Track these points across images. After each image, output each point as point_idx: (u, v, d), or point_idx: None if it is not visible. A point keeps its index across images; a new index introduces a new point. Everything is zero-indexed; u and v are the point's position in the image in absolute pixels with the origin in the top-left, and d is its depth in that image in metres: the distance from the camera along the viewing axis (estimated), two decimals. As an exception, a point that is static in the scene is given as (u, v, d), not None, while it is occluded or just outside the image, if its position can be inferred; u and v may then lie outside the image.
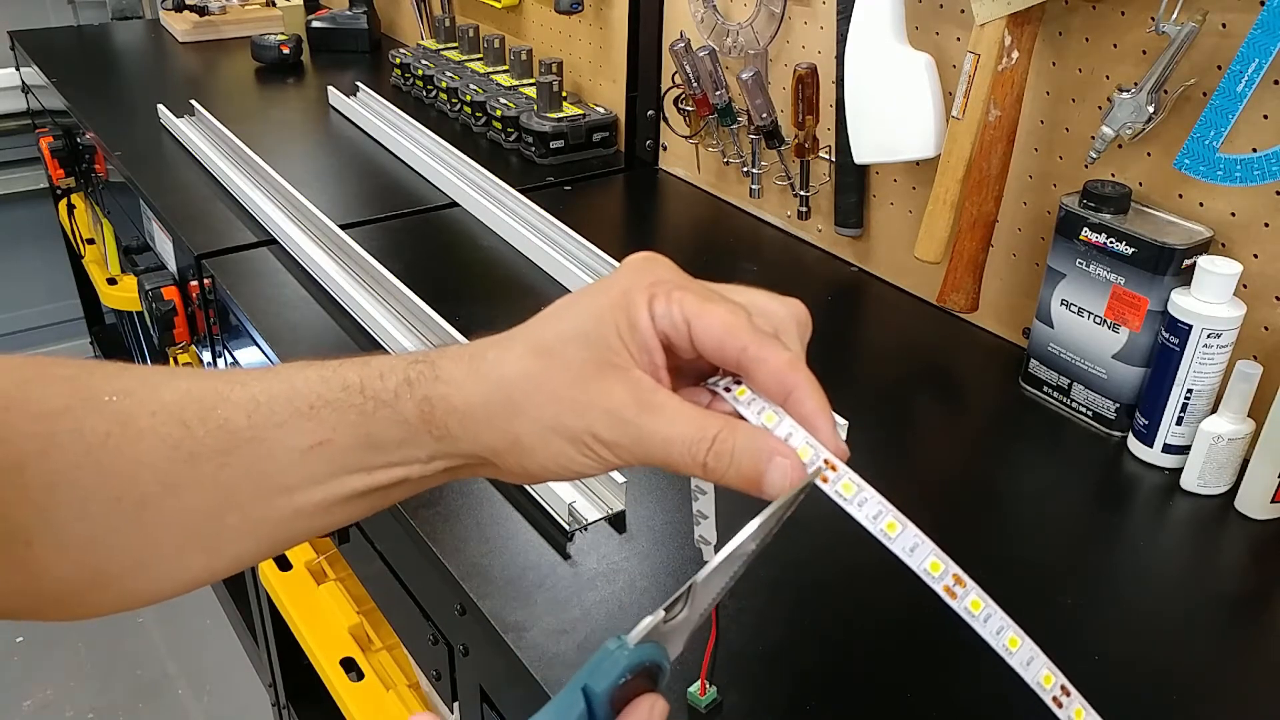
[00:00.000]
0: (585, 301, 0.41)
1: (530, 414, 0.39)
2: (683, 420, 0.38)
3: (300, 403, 0.40)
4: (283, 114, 1.57)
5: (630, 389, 0.39)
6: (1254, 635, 0.66)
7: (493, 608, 0.64)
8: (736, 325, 0.39)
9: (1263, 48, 0.69)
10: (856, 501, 0.38)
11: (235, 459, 0.39)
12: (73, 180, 1.77)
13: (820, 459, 0.38)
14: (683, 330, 0.39)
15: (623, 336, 0.39)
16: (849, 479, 0.38)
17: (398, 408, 0.40)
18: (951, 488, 0.79)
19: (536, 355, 0.40)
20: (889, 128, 0.96)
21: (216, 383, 0.41)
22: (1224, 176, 0.74)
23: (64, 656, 1.82)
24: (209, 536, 0.40)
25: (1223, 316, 0.73)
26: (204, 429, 0.39)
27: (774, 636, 0.62)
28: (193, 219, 1.17)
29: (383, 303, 0.96)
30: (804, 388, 0.39)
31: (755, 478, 0.38)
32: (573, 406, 0.39)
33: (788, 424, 0.39)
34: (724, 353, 0.39)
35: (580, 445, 0.39)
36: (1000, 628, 0.37)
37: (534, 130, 1.35)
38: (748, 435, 0.38)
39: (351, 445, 0.40)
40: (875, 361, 0.98)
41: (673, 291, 0.39)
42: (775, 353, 0.39)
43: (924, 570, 0.37)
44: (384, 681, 1.06)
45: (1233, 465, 0.75)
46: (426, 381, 0.40)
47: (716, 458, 0.38)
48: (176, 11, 1.96)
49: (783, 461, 0.38)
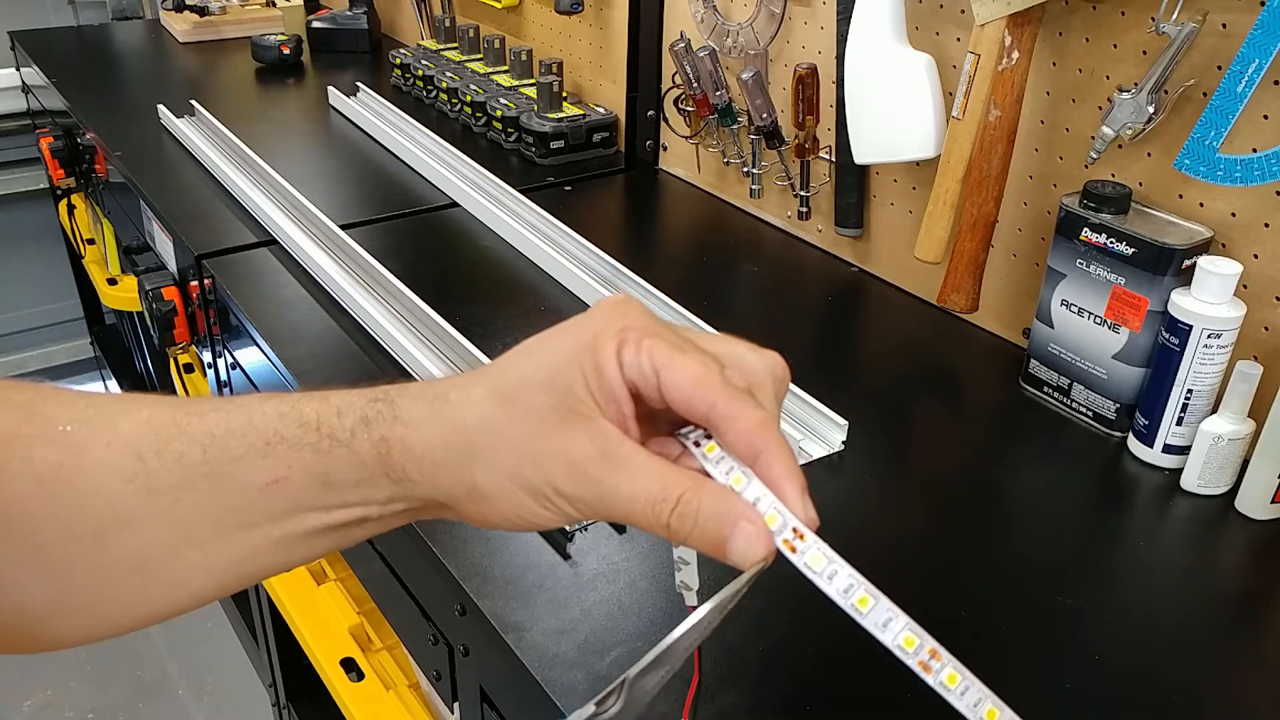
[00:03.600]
0: (552, 345, 0.39)
1: (489, 463, 0.38)
2: (647, 477, 0.37)
3: (256, 439, 0.39)
4: (283, 114, 1.57)
5: (594, 440, 0.37)
6: (1254, 635, 0.66)
7: (493, 608, 0.64)
8: (707, 379, 0.37)
9: (1263, 48, 0.69)
10: (826, 575, 0.36)
11: (190, 493, 0.38)
12: (73, 180, 1.77)
13: (788, 526, 0.36)
14: (651, 380, 0.37)
15: (589, 384, 0.37)
16: (818, 550, 0.36)
17: (354, 448, 0.39)
18: (952, 488, 0.79)
19: (499, 400, 0.38)
20: (889, 128, 0.96)
21: (175, 413, 0.39)
22: (1224, 177, 0.74)
23: (64, 656, 1.82)
24: (166, 570, 0.39)
25: (1223, 317, 0.73)
26: (159, 462, 0.38)
27: (774, 636, 0.62)
28: (193, 219, 1.17)
29: (383, 303, 0.96)
30: (774, 450, 0.37)
31: (719, 543, 0.36)
32: (533, 457, 0.37)
33: (756, 487, 0.37)
34: (692, 407, 0.37)
35: (539, 498, 0.38)
36: (979, 700, 0.35)
37: (534, 130, 1.35)
38: (714, 497, 0.37)
39: (307, 484, 0.39)
40: (875, 361, 0.98)
41: (643, 339, 0.38)
42: (746, 411, 0.37)
43: (898, 646, 0.35)
44: (384, 681, 1.06)
45: (1233, 465, 0.75)
46: (384, 421, 0.39)
47: (680, 519, 0.36)
48: (176, 11, 1.96)
49: (748, 527, 0.36)
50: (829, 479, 0.78)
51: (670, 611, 0.64)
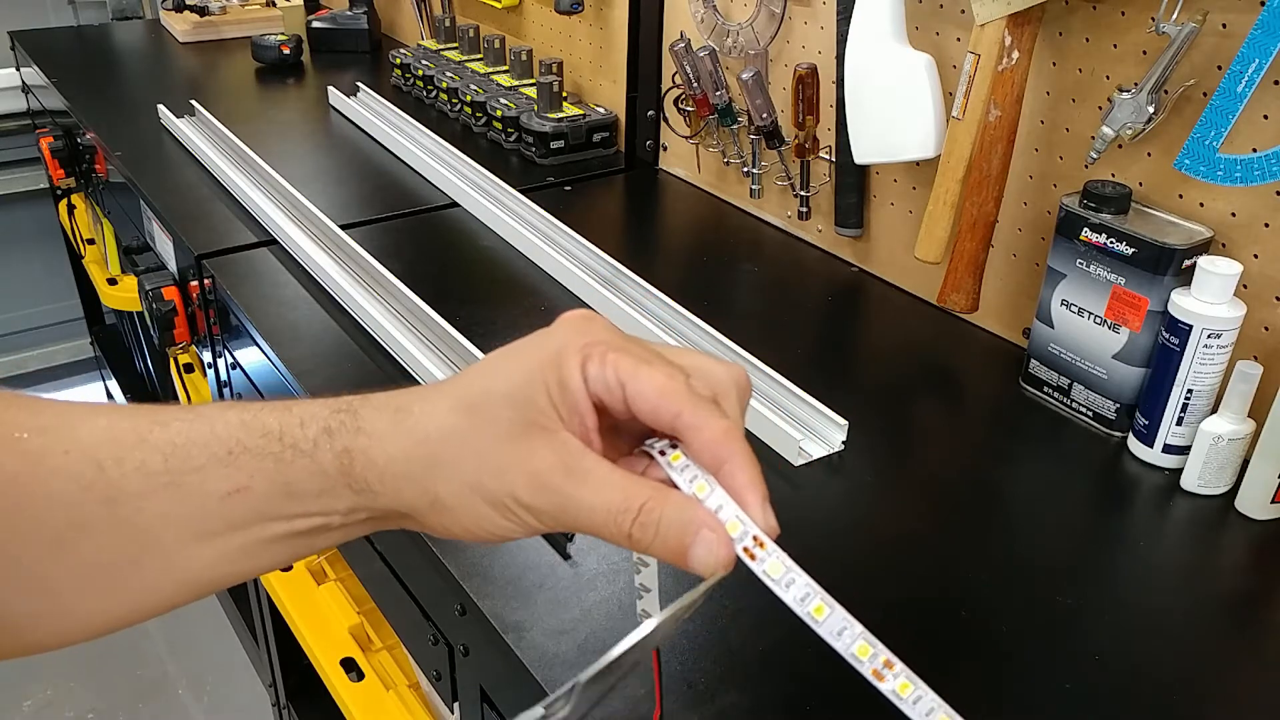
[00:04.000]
0: (516, 359, 0.39)
1: (452, 473, 0.38)
2: (609, 488, 0.37)
3: (219, 448, 0.39)
4: (283, 114, 1.57)
5: (556, 452, 0.37)
6: (1254, 635, 0.66)
7: (493, 608, 0.64)
8: (672, 389, 0.37)
9: (1263, 48, 0.69)
10: (784, 583, 0.37)
11: (151, 502, 0.38)
12: (73, 180, 1.77)
13: (749, 535, 0.37)
14: (617, 393, 0.38)
15: (552, 397, 0.38)
16: (777, 559, 0.37)
17: (316, 458, 0.39)
18: (951, 488, 0.79)
19: (462, 412, 0.38)
20: (889, 128, 0.96)
21: (137, 421, 0.39)
22: (1224, 177, 0.74)
23: (64, 656, 1.82)
24: (128, 580, 0.39)
25: (1223, 317, 0.73)
26: (119, 471, 0.38)
27: (773, 636, 0.62)
28: (193, 219, 1.17)
29: (383, 303, 0.96)
30: (738, 459, 0.37)
31: (680, 551, 0.37)
32: (495, 468, 0.38)
33: (719, 495, 0.37)
34: (658, 417, 0.38)
35: (501, 509, 0.38)
36: (931, 709, 0.36)
37: (534, 130, 1.35)
38: (676, 507, 0.37)
39: (269, 494, 0.39)
40: (875, 361, 0.98)
41: (607, 353, 0.38)
42: (711, 420, 0.37)
43: (851, 654, 0.36)
44: (384, 681, 1.06)
45: (1233, 465, 0.75)
46: (347, 432, 0.39)
47: (642, 529, 0.37)
48: (176, 11, 1.96)
49: (709, 535, 0.36)
50: (829, 479, 0.78)
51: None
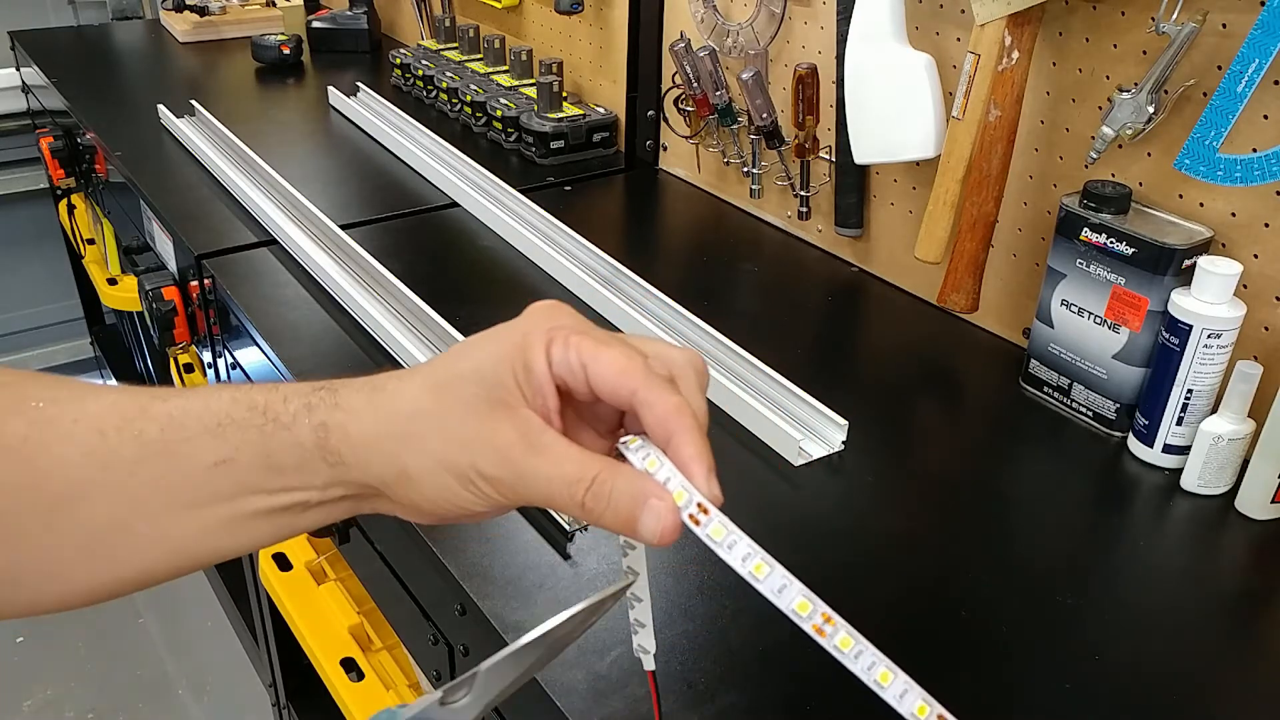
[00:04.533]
0: (485, 343, 0.42)
1: (419, 447, 0.40)
2: (566, 460, 0.39)
3: (209, 420, 0.41)
4: (283, 114, 1.57)
5: (518, 428, 0.40)
6: (1254, 635, 0.66)
7: (493, 608, 0.64)
8: (629, 368, 0.40)
9: (1263, 48, 0.69)
10: (726, 544, 0.39)
11: (144, 469, 0.40)
12: (73, 180, 1.77)
13: (694, 503, 0.39)
14: (579, 374, 0.40)
15: (517, 377, 0.40)
16: (719, 523, 0.39)
17: (295, 431, 0.41)
18: (952, 488, 0.79)
19: (432, 390, 0.41)
20: (889, 128, 0.96)
21: (141, 398, 0.42)
22: (1224, 176, 0.74)
23: (64, 656, 1.82)
24: (117, 545, 0.41)
25: (1223, 317, 0.73)
26: (119, 439, 0.40)
27: (773, 636, 0.62)
28: (193, 219, 1.17)
29: (383, 303, 0.96)
30: (686, 433, 0.39)
31: (630, 520, 0.39)
32: (460, 442, 0.40)
33: (668, 469, 0.40)
34: (617, 394, 0.40)
35: (465, 480, 0.40)
36: (872, 663, 0.38)
37: (534, 130, 1.35)
38: (627, 478, 0.39)
39: (252, 465, 0.41)
40: (875, 361, 0.98)
41: (570, 336, 0.40)
42: (664, 396, 0.40)
43: (792, 610, 0.38)
44: (384, 681, 1.06)
45: (1233, 465, 0.75)
46: (325, 408, 0.41)
47: (594, 498, 0.39)
48: (176, 11, 1.96)
49: (657, 504, 0.39)
50: (829, 479, 0.78)
51: (670, 611, 0.64)
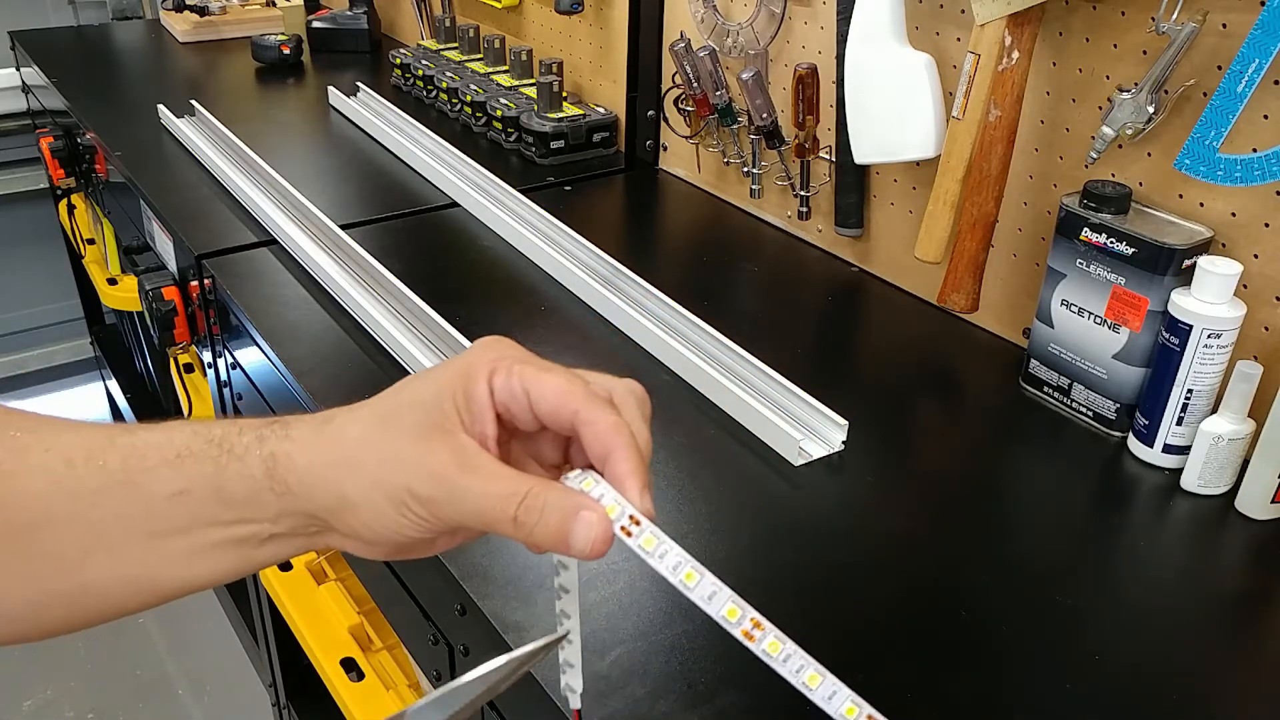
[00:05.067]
0: (431, 375, 0.43)
1: (358, 472, 0.41)
2: (499, 478, 0.40)
3: (169, 451, 0.42)
4: (283, 114, 1.57)
5: (453, 450, 0.41)
6: (1254, 635, 0.66)
7: (493, 608, 0.64)
8: (571, 391, 0.41)
9: (1263, 48, 0.69)
10: (657, 554, 0.40)
11: (106, 498, 0.41)
12: (73, 180, 1.77)
13: (625, 515, 0.40)
14: (522, 399, 0.41)
15: (458, 404, 0.41)
16: (651, 533, 0.40)
17: (246, 462, 0.42)
18: (952, 488, 0.79)
19: (376, 420, 0.42)
20: (889, 128, 0.96)
21: (111, 431, 0.43)
22: (1224, 176, 0.74)
23: (64, 656, 1.82)
24: (76, 575, 0.42)
25: (1223, 316, 0.73)
26: (85, 469, 0.42)
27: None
28: (193, 219, 1.17)
29: (383, 303, 0.96)
30: (622, 450, 0.40)
31: (563, 533, 0.40)
32: (396, 463, 0.41)
33: (602, 487, 0.41)
34: (559, 416, 0.41)
35: (398, 504, 0.41)
36: (800, 666, 0.39)
37: (534, 130, 1.35)
38: (559, 493, 0.40)
39: (206, 497, 0.42)
40: (875, 361, 0.98)
41: (513, 365, 0.41)
42: (603, 415, 0.41)
43: (721, 616, 0.39)
44: (384, 681, 1.06)
45: (1233, 465, 0.75)
46: (276, 439, 0.42)
47: (527, 511, 0.40)
48: (176, 11, 1.96)
49: (589, 515, 0.40)
50: (829, 479, 0.78)
51: (670, 611, 0.64)
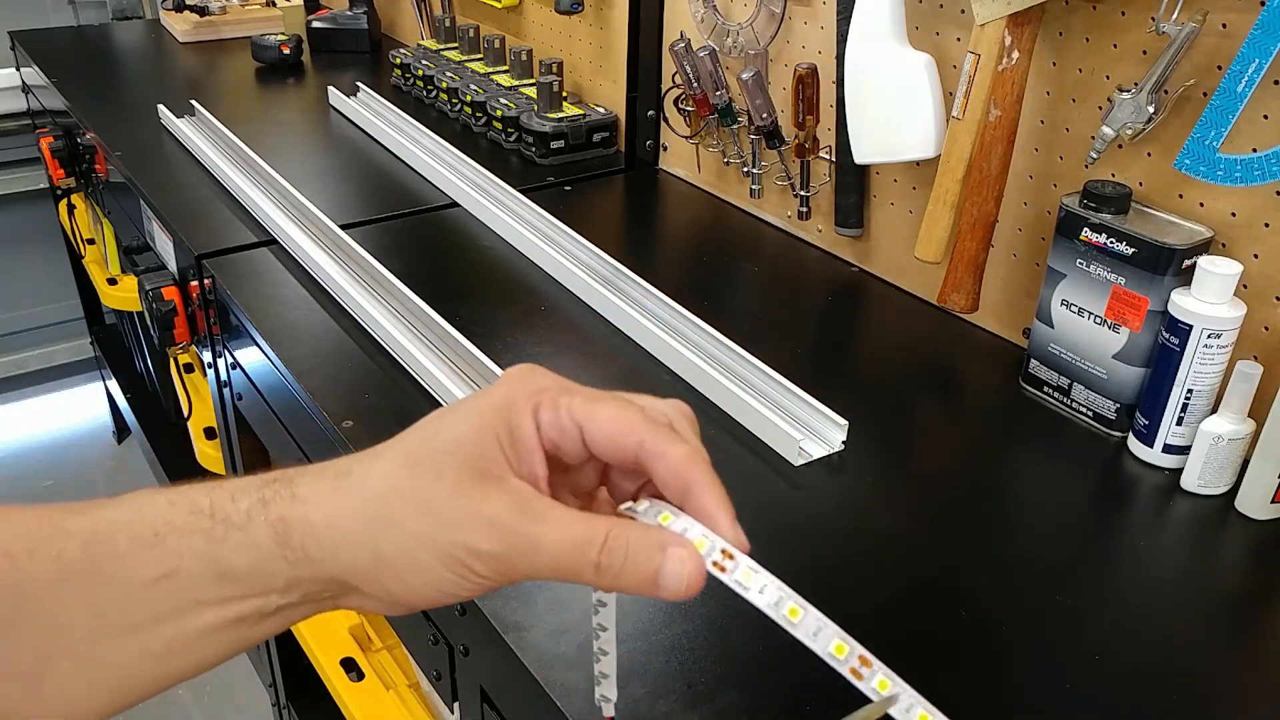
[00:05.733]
0: (462, 411, 0.38)
1: (396, 528, 0.36)
2: (571, 522, 0.36)
3: (144, 529, 0.36)
4: (283, 114, 1.57)
5: (509, 497, 0.36)
6: (1254, 635, 0.66)
7: (493, 608, 0.64)
8: (631, 420, 0.37)
9: (1263, 48, 0.69)
10: (756, 589, 0.37)
11: (68, 593, 0.36)
12: (73, 180, 1.77)
13: (717, 549, 0.37)
14: (574, 434, 0.37)
15: (502, 444, 0.37)
16: (747, 566, 0.37)
17: (249, 531, 0.37)
18: (952, 488, 0.79)
19: (406, 467, 0.37)
20: (889, 128, 0.96)
21: (54, 514, 0.37)
22: (1224, 176, 0.74)
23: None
24: (35, 685, 0.36)
25: (1223, 316, 0.73)
26: (33, 562, 0.35)
27: (773, 637, 0.62)
28: (193, 219, 1.17)
29: (383, 303, 0.96)
30: (703, 481, 0.37)
31: (651, 572, 0.36)
32: (446, 517, 0.36)
33: (684, 519, 0.38)
34: (620, 449, 0.37)
35: (453, 561, 0.36)
36: (910, 705, 0.37)
37: (534, 130, 1.35)
38: (640, 530, 0.37)
39: (200, 574, 0.36)
40: (875, 361, 0.98)
41: (559, 397, 0.38)
42: (673, 446, 0.37)
43: (828, 654, 0.37)
44: (384, 681, 1.06)
45: (1233, 465, 0.75)
46: (283, 501, 0.37)
47: (610, 554, 0.36)
48: (176, 11, 1.96)
49: (678, 551, 0.36)
50: (829, 479, 0.78)
51: (670, 611, 0.64)
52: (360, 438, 0.79)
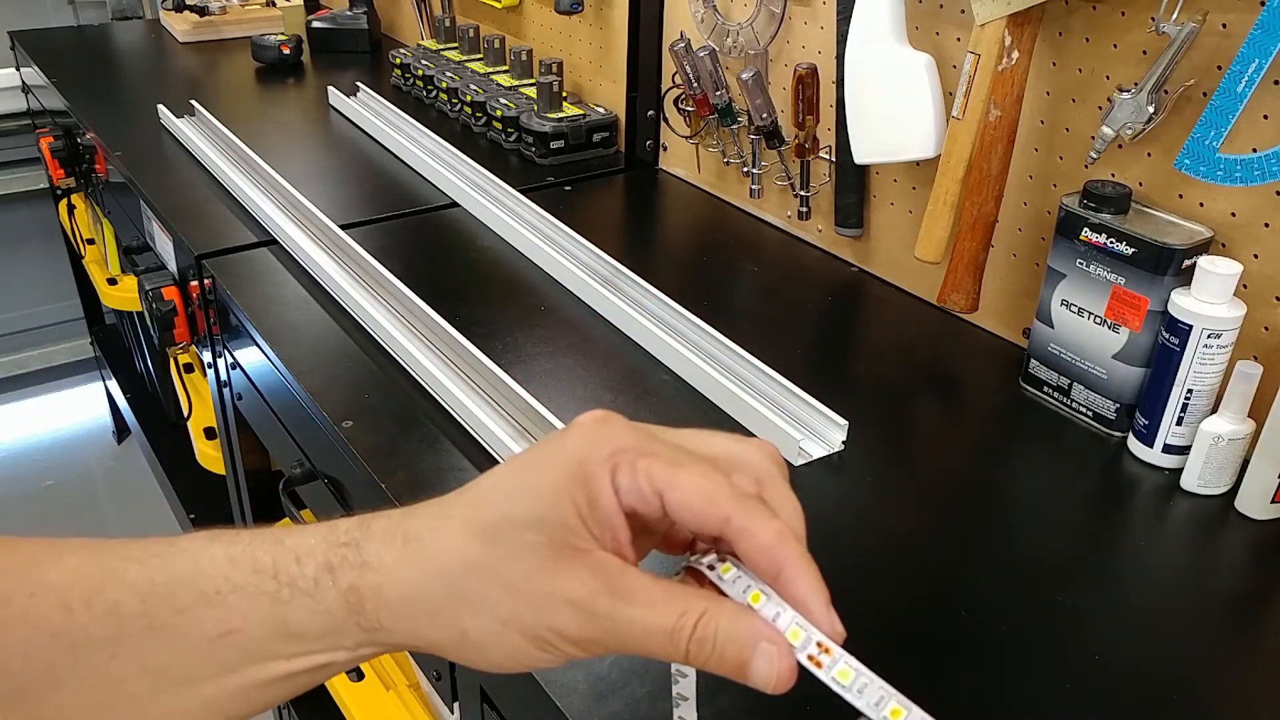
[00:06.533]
0: (535, 474, 0.36)
1: (479, 609, 0.35)
2: (661, 605, 0.35)
3: (205, 586, 0.36)
4: (283, 114, 1.57)
5: (596, 574, 0.35)
6: (1254, 635, 0.66)
7: (493, 608, 0.63)
8: (716, 494, 0.35)
9: (1263, 48, 0.69)
10: (856, 688, 0.35)
11: (127, 649, 0.35)
12: (73, 180, 1.77)
13: (813, 641, 0.35)
14: (654, 503, 0.35)
15: (582, 515, 0.35)
16: (846, 664, 0.35)
17: (318, 597, 0.36)
18: (951, 488, 0.79)
19: (482, 540, 0.35)
20: (889, 128, 0.96)
21: (108, 558, 0.36)
22: (1224, 176, 0.74)
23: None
24: None
25: (1223, 317, 0.73)
26: (89, 614, 0.35)
27: (774, 636, 0.62)
28: (193, 219, 1.17)
29: (383, 303, 0.96)
30: (795, 564, 0.35)
31: (740, 666, 0.35)
32: (531, 600, 0.35)
33: (775, 602, 0.35)
34: (704, 524, 0.35)
35: (539, 642, 0.35)
36: None
37: (534, 130, 1.35)
38: (731, 619, 0.35)
39: (265, 635, 0.36)
40: (875, 361, 0.98)
41: (638, 460, 0.35)
42: (763, 523, 0.35)
43: None
44: (384, 681, 1.06)
45: (1233, 465, 0.75)
46: (352, 569, 0.36)
47: (699, 645, 0.35)
48: (176, 11, 1.96)
49: (768, 648, 0.34)
50: (829, 479, 0.78)
51: (670, 611, 0.64)
52: (360, 438, 0.79)
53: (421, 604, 0.36)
